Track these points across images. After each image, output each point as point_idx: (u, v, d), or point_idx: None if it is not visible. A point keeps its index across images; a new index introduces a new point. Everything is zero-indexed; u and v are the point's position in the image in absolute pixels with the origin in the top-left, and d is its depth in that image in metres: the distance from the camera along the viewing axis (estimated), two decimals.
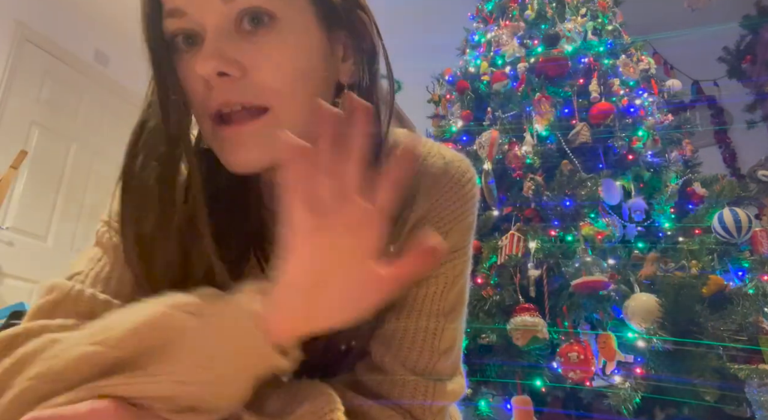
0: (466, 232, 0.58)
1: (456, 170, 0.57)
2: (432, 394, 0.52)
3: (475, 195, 0.59)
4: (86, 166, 3.31)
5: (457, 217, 0.56)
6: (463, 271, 0.57)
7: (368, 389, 0.52)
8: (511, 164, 1.95)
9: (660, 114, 2.15)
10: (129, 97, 3.57)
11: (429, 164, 0.57)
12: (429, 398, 0.52)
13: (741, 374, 1.25)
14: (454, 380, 0.55)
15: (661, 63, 3.30)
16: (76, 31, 3.33)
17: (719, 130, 3.56)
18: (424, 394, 0.52)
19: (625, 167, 1.89)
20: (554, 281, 1.62)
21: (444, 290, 0.55)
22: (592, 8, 2.44)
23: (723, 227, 1.60)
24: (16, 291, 2.75)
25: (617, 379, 1.43)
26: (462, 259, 0.57)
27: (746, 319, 1.32)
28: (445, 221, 0.56)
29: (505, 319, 1.55)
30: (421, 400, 0.51)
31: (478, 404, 1.69)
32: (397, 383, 0.52)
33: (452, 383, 0.55)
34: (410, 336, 0.54)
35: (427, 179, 0.56)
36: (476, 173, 0.60)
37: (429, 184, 0.56)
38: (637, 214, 1.76)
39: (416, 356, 0.53)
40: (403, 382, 0.52)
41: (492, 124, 2.12)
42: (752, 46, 3.26)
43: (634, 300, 1.46)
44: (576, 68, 2.12)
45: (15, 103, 2.93)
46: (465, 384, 0.57)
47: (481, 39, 2.54)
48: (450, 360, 0.55)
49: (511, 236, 1.70)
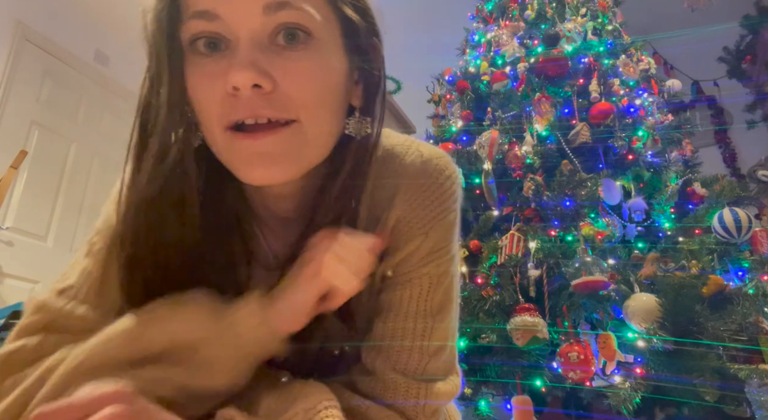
0: (448, 230, 0.57)
1: (434, 168, 0.57)
2: (425, 396, 0.52)
3: (455, 192, 0.58)
4: (86, 166, 3.31)
5: (436, 216, 0.56)
6: (447, 270, 0.57)
7: (362, 391, 0.53)
8: (511, 164, 1.95)
9: (660, 114, 2.14)
10: (129, 97, 3.57)
11: (407, 163, 0.57)
12: (422, 399, 0.52)
13: (741, 374, 1.25)
14: (448, 380, 0.55)
15: (661, 63, 3.31)
16: (76, 31, 3.33)
17: (719, 130, 3.56)
18: (416, 396, 0.52)
19: (625, 167, 1.89)
20: (554, 281, 1.62)
21: (429, 290, 0.55)
22: (592, 8, 2.44)
23: (723, 227, 1.60)
24: (16, 291, 2.75)
25: (617, 379, 1.43)
26: (445, 258, 0.57)
27: (746, 319, 1.32)
28: (425, 221, 0.55)
29: (505, 319, 1.55)
30: (413, 401, 0.51)
31: (478, 404, 1.69)
32: (389, 386, 0.52)
33: (446, 383, 0.54)
34: (398, 339, 0.54)
35: (406, 179, 0.56)
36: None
37: (407, 185, 0.56)
38: (637, 214, 1.76)
39: (406, 358, 0.53)
40: (394, 385, 0.52)
41: (492, 124, 2.12)
42: (752, 46, 3.26)
43: (634, 300, 1.46)
44: (576, 68, 2.12)
45: (15, 103, 2.93)
46: (461, 383, 0.57)
47: (481, 39, 2.54)
48: (442, 360, 0.55)
49: (511, 236, 1.70)
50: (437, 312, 0.55)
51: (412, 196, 0.55)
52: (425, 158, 0.57)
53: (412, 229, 0.55)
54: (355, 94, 0.53)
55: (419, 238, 0.55)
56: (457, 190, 0.58)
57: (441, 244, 0.56)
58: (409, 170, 0.56)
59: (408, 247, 0.55)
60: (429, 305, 0.55)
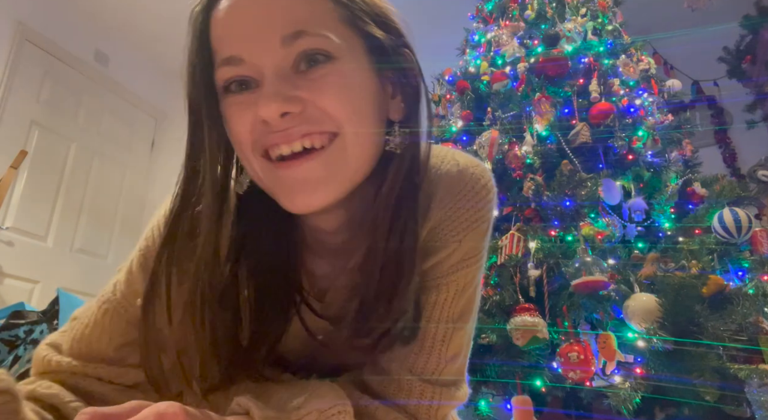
0: (481, 238, 0.57)
1: (470, 177, 0.56)
2: (438, 399, 0.52)
3: (491, 200, 0.57)
4: (86, 166, 3.31)
5: (471, 224, 0.55)
6: (474, 278, 0.57)
7: (373, 390, 0.52)
8: (511, 164, 1.95)
9: (660, 114, 2.14)
10: (129, 97, 3.58)
11: (443, 172, 0.56)
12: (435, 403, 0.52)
13: (741, 374, 1.25)
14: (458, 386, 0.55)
15: (661, 63, 3.30)
16: (76, 31, 3.33)
17: (719, 130, 3.55)
18: (430, 399, 0.52)
19: (625, 167, 1.89)
20: (554, 281, 1.62)
21: (455, 297, 0.55)
22: (592, 8, 2.44)
23: (723, 227, 1.60)
24: (16, 291, 2.75)
25: (617, 379, 1.43)
26: (475, 266, 0.56)
27: (746, 319, 1.32)
28: (460, 229, 0.55)
29: (505, 319, 1.55)
30: (426, 404, 0.51)
31: (478, 404, 1.69)
32: (403, 387, 0.52)
33: (458, 389, 0.55)
34: (418, 343, 0.54)
35: (441, 188, 0.56)
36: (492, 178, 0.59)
37: (443, 193, 0.55)
38: (637, 214, 1.75)
39: (423, 362, 0.53)
40: (409, 387, 0.52)
41: (492, 124, 2.11)
42: (752, 46, 3.25)
43: (634, 300, 1.45)
44: (576, 68, 2.11)
45: (15, 103, 2.93)
46: (468, 390, 0.57)
47: (481, 39, 2.53)
48: (456, 365, 0.55)
49: (511, 236, 1.70)
50: (458, 318, 0.55)
51: (448, 204, 0.55)
52: (461, 167, 0.57)
53: (446, 236, 0.55)
54: (393, 108, 0.53)
55: (453, 245, 0.55)
56: (493, 199, 0.58)
57: (473, 252, 0.56)
58: (445, 179, 0.56)
59: (440, 254, 0.55)
60: (452, 312, 0.55)
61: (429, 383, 0.52)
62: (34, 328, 1.62)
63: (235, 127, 0.48)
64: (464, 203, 0.55)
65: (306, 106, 0.46)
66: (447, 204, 0.55)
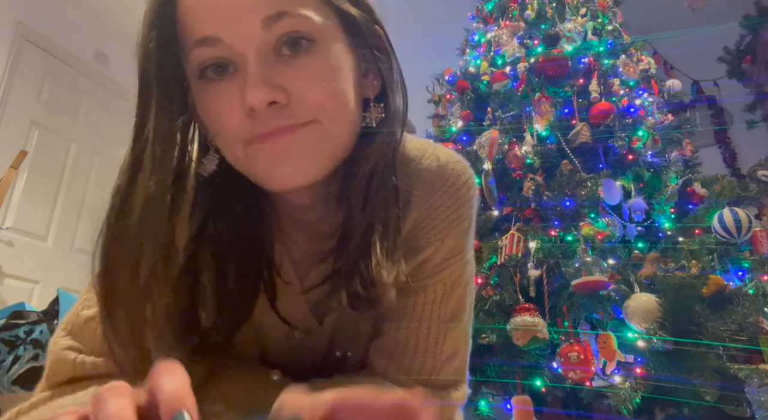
0: (463, 236, 0.56)
1: (451, 173, 0.55)
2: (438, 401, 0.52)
3: (472, 197, 0.57)
4: (86, 166, 3.31)
5: (452, 222, 0.55)
6: (462, 276, 0.56)
7: None
8: (511, 164, 1.95)
9: (660, 114, 2.14)
10: (129, 97, 3.56)
11: (423, 167, 0.55)
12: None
13: (741, 374, 1.25)
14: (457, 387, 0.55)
15: (661, 63, 3.30)
16: (76, 31, 3.32)
17: (719, 130, 3.55)
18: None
19: (625, 167, 1.89)
20: (554, 281, 1.62)
21: (443, 297, 0.55)
22: (592, 8, 2.44)
23: (723, 227, 1.60)
24: (16, 291, 2.75)
25: (617, 379, 1.43)
26: (460, 264, 0.56)
27: (746, 319, 1.32)
28: (441, 227, 0.54)
29: (505, 319, 1.55)
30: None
31: (478, 404, 1.68)
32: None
33: (457, 391, 0.54)
34: (412, 345, 0.53)
35: (421, 183, 0.55)
36: (474, 173, 0.59)
37: (423, 189, 0.54)
38: (637, 214, 1.75)
39: (419, 365, 0.53)
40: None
41: (492, 124, 2.12)
42: (752, 46, 3.25)
43: (634, 300, 1.45)
44: (576, 68, 2.11)
45: (15, 103, 2.93)
46: (467, 391, 0.57)
47: (481, 39, 2.53)
48: (454, 366, 0.55)
49: (511, 236, 1.70)
50: (451, 318, 0.55)
51: (428, 201, 0.54)
52: (442, 162, 0.56)
53: (428, 234, 0.54)
54: (368, 85, 0.52)
55: (435, 244, 0.54)
56: (474, 196, 0.57)
57: (456, 250, 0.55)
58: (425, 174, 0.55)
59: (424, 254, 0.54)
60: (443, 312, 0.54)
61: (427, 385, 0.52)
62: (34, 328, 1.62)
63: (221, 120, 0.46)
64: (444, 200, 0.55)
65: (291, 98, 0.45)
66: (427, 201, 0.54)
